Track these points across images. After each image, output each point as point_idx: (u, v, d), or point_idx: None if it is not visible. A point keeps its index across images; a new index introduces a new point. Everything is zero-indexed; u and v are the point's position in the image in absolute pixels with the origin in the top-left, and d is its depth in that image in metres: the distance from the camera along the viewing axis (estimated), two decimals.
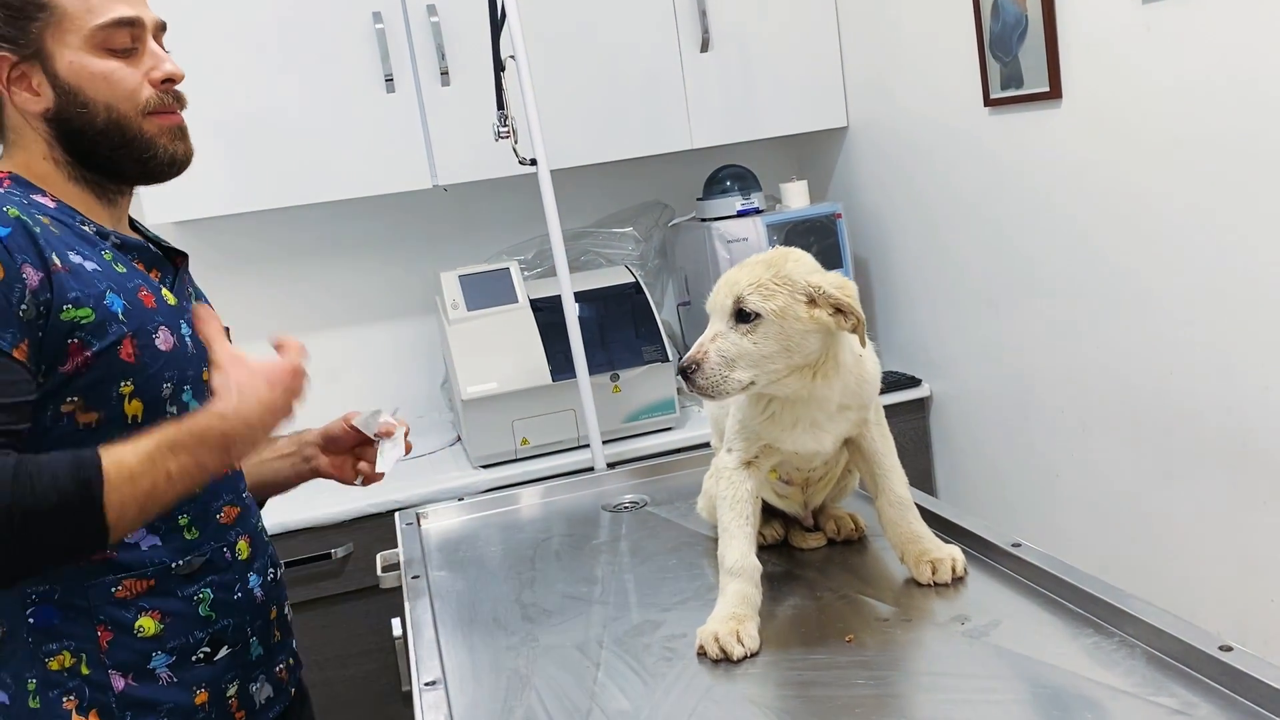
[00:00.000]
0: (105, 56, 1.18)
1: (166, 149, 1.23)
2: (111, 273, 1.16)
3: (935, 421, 2.55)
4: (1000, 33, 2.02)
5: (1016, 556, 1.20)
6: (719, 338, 1.10)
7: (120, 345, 1.13)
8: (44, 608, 1.14)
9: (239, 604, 1.25)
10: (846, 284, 1.12)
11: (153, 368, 1.16)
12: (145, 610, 1.17)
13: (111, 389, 1.13)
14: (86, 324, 1.10)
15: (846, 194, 2.76)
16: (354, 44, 2.37)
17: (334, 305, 2.77)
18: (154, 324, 1.17)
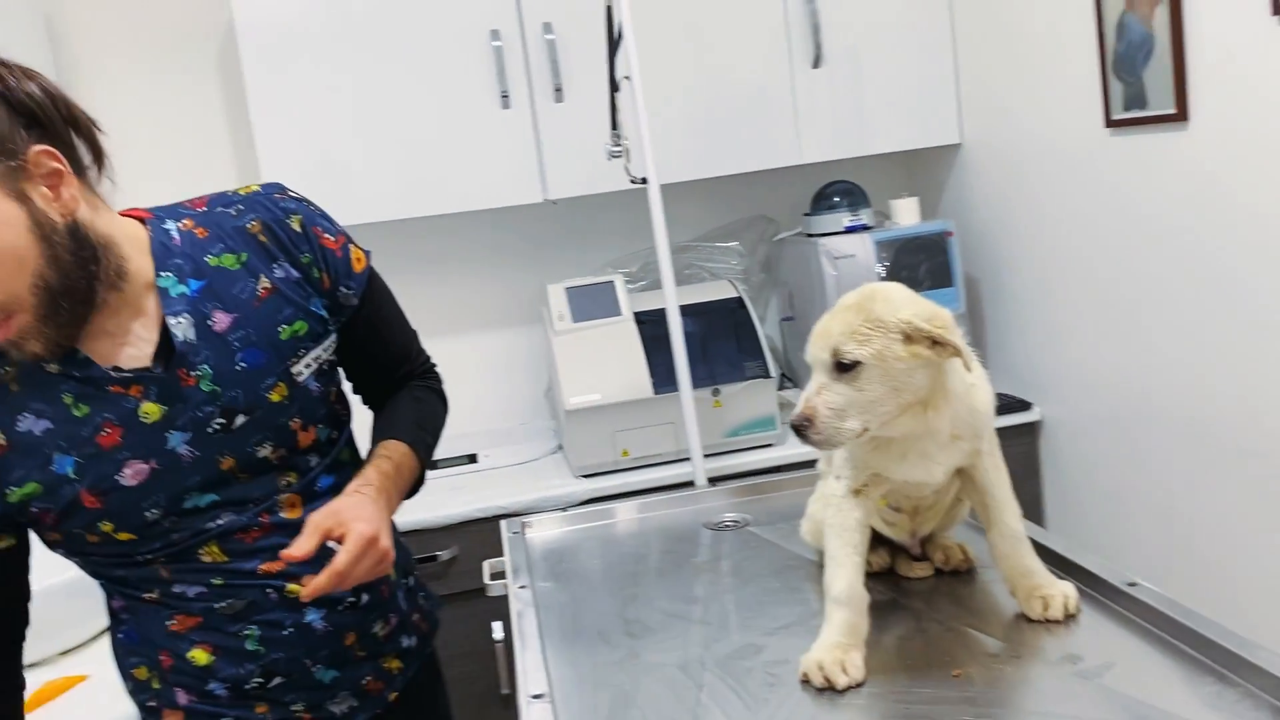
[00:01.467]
0: None
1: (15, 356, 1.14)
2: (65, 425, 1.16)
3: (1046, 447, 2.49)
4: (1124, 52, 1.96)
5: (1132, 596, 1.17)
6: (824, 390, 1.09)
7: (78, 500, 1.17)
8: (127, 629, 1.29)
9: (290, 639, 1.27)
10: (938, 313, 1.10)
11: (124, 505, 1.18)
12: (196, 643, 1.25)
13: (94, 527, 1.18)
14: (37, 496, 1.16)
15: (958, 212, 2.71)
16: (471, 61, 2.43)
17: (444, 314, 2.84)
18: (117, 464, 1.17)
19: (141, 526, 1.19)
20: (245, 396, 1.22)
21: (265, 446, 1.24)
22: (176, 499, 1.20)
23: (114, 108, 2.68)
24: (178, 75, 2.70)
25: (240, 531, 1.23)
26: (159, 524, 1.20)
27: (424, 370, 1.52)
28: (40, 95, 1.10)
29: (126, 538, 1.19)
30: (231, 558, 1.23)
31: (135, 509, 1.18)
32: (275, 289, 1.26)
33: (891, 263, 2.51)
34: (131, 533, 1.19)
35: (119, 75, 2.67)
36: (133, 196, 2.71)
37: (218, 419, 1.21)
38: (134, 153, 2.70)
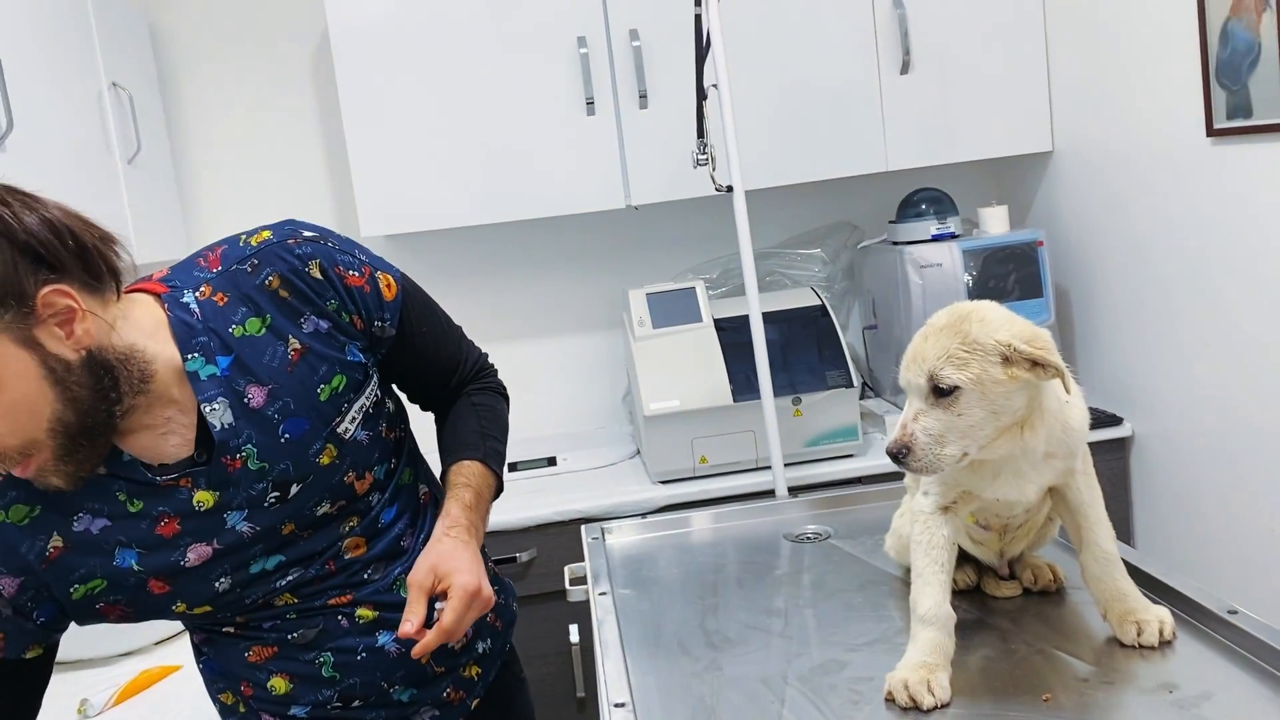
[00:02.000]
0: None
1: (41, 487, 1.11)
2: (122, 522, 1.16)
3: (1137, 464, 2.42)
4: (1229, 59, 1.90)
5: (1232, 624, 1.13)
6: (921, 416, 1.07)
7: (146, 587, 1.18)
8: (208, 660, 1.31)
9: (365, 663, 1.27)
10: (1038, 335, 1.08)
11: (192, 584, 1.19)
12: (274, 672, 1.26)
13: (165, 610, 1.20)
14: (102, 590, 1.17)
15: (1049, 221, 2.66)
16: (558, 68, 2.45)
17: (526, 317, 2.87)
18: (180, 549, 1.17)
19: (213, 598, 1.21)
20: (296, 467, 1.20)
21: (324, 505, 1.23)
22: (243, 566, 1.21)
23: (212, 111, 2.76)
24: (273, 80, 2.77)
25: (309, 582, 1.25)
26: (230, 593, 1.21)
27: (478, 371, 1.46)
28: (43, 231, 1.04)
29: (202, 611, 1.22)
30: (302, 600, 1.25)
31: (204, 584, 1.19)
32: (306, 349, 1.20)
33: (979, 272, 2.47)
34: (205, 605, 1.21)
35: (217, 79, 2.76)
36: (227, 196, 2.80)
37: (272, 494, 1.19)
38: (229, 154, 2.78)
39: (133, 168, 2.35)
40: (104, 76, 2.27)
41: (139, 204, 2.36)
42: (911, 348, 1.10)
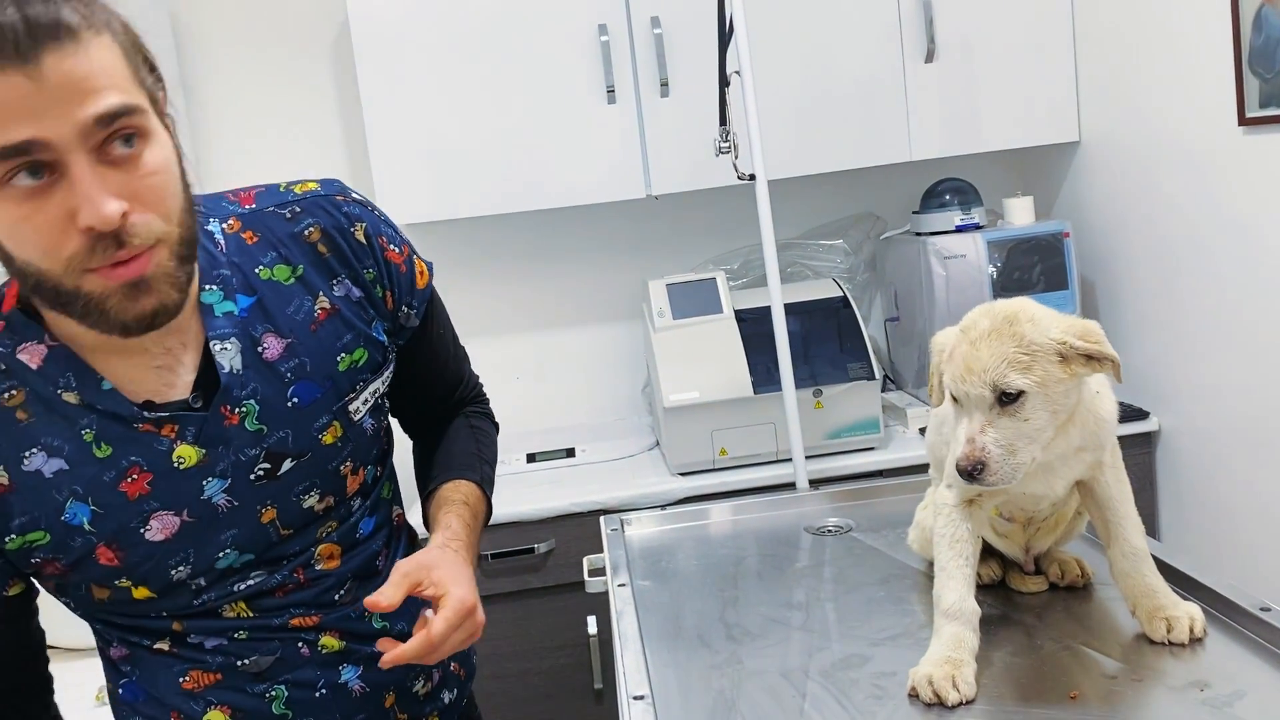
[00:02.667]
0: (8, 199, 0.85)
1: (116, 312, 0.91)
2: (82, 467, 0.99)
3: (1163, 459, 2.39)
4: (1262, 46, 1.86)
5: (1265, 622, 1.11)
6: (989, 428, 1.03)
7: (93, 554, 1.00)
8: (129, 684, 1.11)
9: (322, 701, 1.11)
10: (1089, 328, 1.05)
11: (146, 564, 1.01)
12: (213, 704, 1.08)
13: (109, 582, 1.02)
14: (42, 545, 0.99)
15: (1075, 212, 2.62)
16: (578, 56, 2.43)
17: (545, 307, 2.86)
18: (142, 516, 1.00)
19: (165, 586, 1.03)
20: (295, 439, 1.06)
21: (312, 495, 1.09)
22: (208, 556, 1.04)
23: (233, 101, 2.76)
24: (293, 70, 2.77)
25: (272, 590, 1.09)
26: (185, 584, 1.04)
27: (475, 395, 1.37)
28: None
29: (144, 595, 1.03)
30: (259, 614, 1.08)
31: (160, 568, 1.02)
32: (335, 310, 1.09)
33: (1004, 264, 2.44)
34: (151, 591, 1.03)
35: (238, 70, 2.75)
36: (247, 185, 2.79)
37: (263, 463, 1.04)
38: (251, 144, 2.78)
39: None
40: None
41: None
42: (963, 358, 1.05)
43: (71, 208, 0.85)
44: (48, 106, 0.82)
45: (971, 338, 1.05)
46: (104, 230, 0.86)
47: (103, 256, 0.88)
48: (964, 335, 1.06)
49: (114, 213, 0.85)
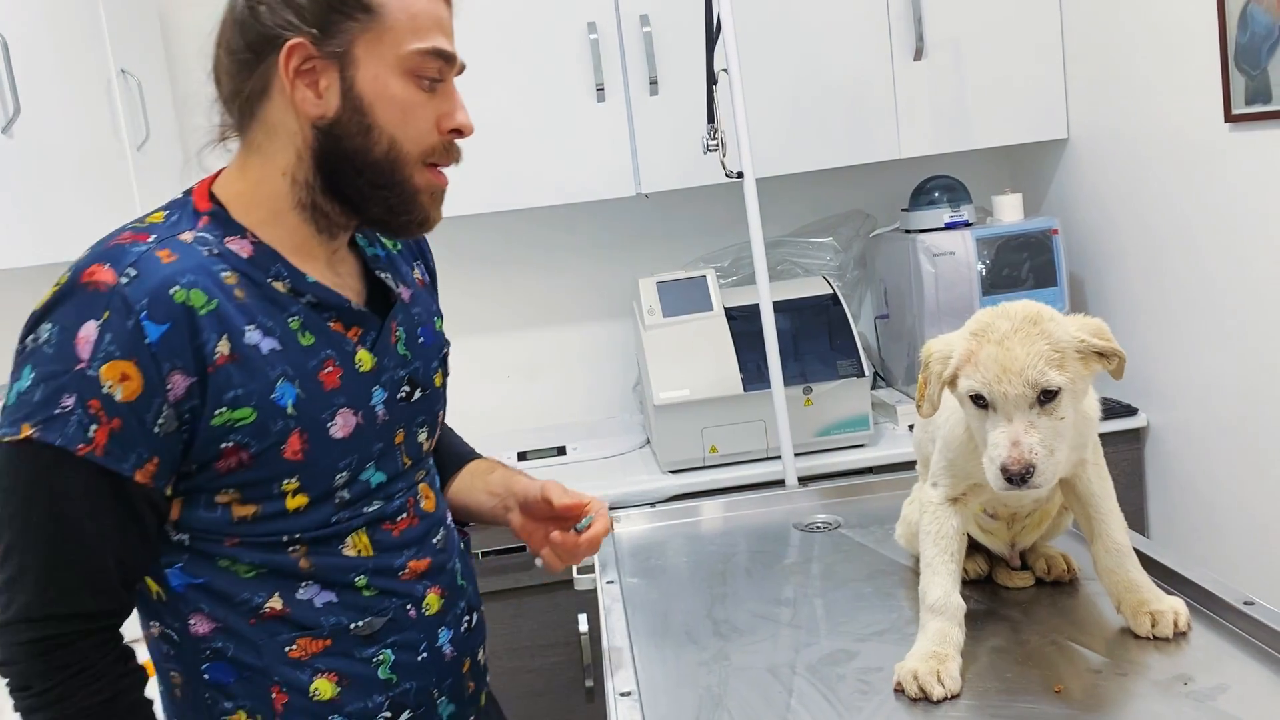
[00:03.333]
0: (410, 84, 1.04)
1: (422, 209, 1.09)
2: (292, 351, 1.04)
3: (1151, 455, 2.40)
4: (1248, 43, 1.87)
5: (1248, 615, 1.12)
6: (1033, 429, 1.03)
7: (284, 444, 1.02)
8: (218, 664, 1.06)
9: (423, 665, 1.14)
10: (1101, 327, 1.07)
11: (323, 461, 1.05)
12: (321, 672, 1.07)
13: (273, 486, 1.03)
14: (244, 425, 1.00)
15: (1063, 209, 2.63)
16: (567, 54, 2.43)
17: (536, 306, 2.86)
18: (332, 410, 1.05)
19: (323, 493, 1.05)
20: (423, 371, 1.17)
21: (424, 430, 1.17)
22: (362, 464, 1.08)
23: None
24: None
25: (388, 520, 1.12)
26: (338, 493, 1.07)
27: None
28: None
29: (297, 505, 1.04)
30: (377, 551, 1.10)
31: (330, 469, 1.05)
32: (423, 283, 1.25)
33: (993, 261, 2.45)
34: (308, 498, 1.05)
35: None
36: None
37: (404, 386, 1.14)
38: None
39: (141, 155, 2.34)
40: (113, 63, 2.27)
41: (148, 191, 2.36)
42: (994, 360, 1.03)
43: (441, 113, 1.07)
44: (453, 37, 1.09)
45: (996, 339, 1.04)
46: (466, 133, 1.10)
47: (444, 157, 1.09)
48: (982, 338, 1.05)
49: (473, 124, 1.11)
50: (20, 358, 0.98)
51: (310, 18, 1.01)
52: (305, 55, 1.02)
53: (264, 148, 1.08)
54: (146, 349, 0.95)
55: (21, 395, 0.96)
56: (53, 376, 0.95)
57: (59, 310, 0.97)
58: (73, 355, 0.95)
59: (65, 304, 0.97)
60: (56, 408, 0.94)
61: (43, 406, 0.95)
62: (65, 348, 0.95)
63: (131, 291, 0.96)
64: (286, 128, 1.05)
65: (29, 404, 0.95)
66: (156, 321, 0.96)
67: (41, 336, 0.96)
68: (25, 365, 0.97)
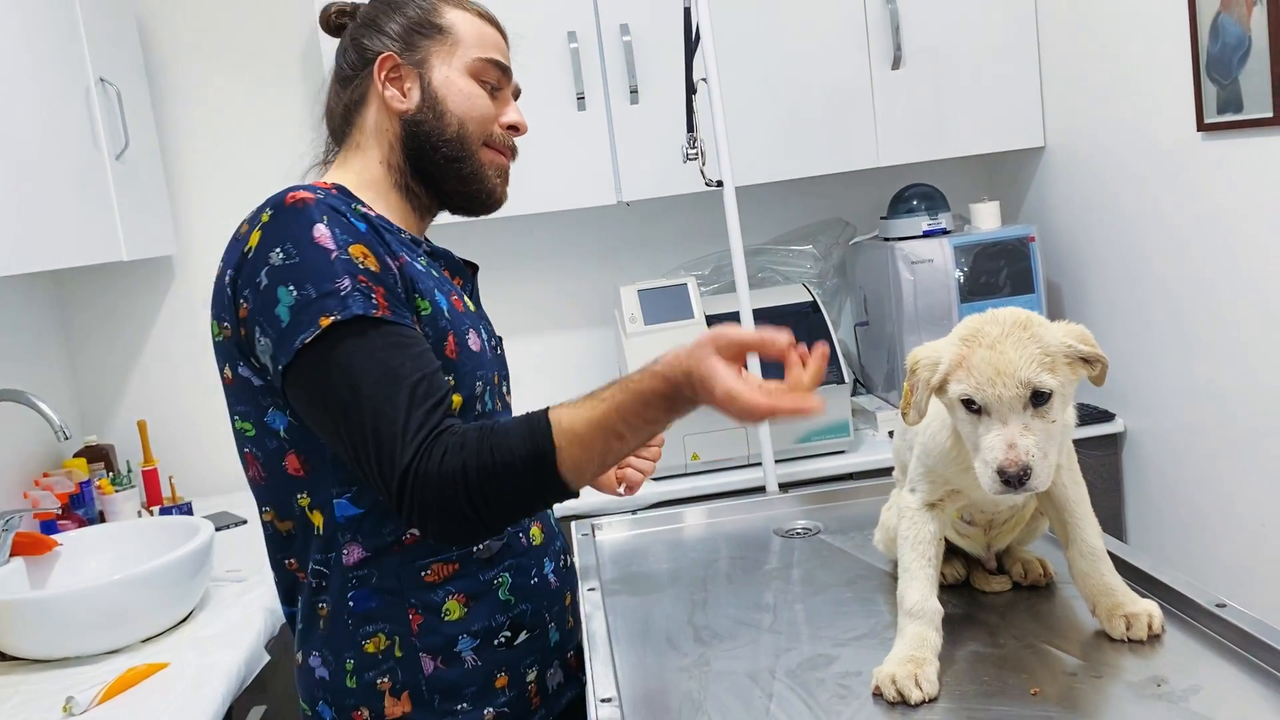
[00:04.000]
0: (474, 83, 1.28)
1: (490, 181, 1.30)
2: (430, 278, 1.21)
3: (1129, 459, 2.42)
4: (1219, 53, 1.90)
5: (1221, 618, 1.13)
6: (1028, 431, 1.03)
7: (445, 341, 1.18)
8: (363, 591, 1.20)
9: (535, 589, 1.29)
10: (1085, 332, 1.08)
11: (467, 366, 1.20)
12: (451, 594, 1.21)
13: (438, 382, 1.14)
14: (426, 315, 1.17)
15: (1040, 216, 2.65)
16: (548, 62, 2.44)
17: (517, 314, 2.86)
18: (466, 325, 1.23)
19: (469, 398, 1.21)
20: (494, 335, 1.35)
21: (506, 384, 1.33)
22: (486, 388, 1.24)
23: (201, 106, 2.75)
24: (262, 74, 2.76)
25: None
26: (476, 403, 1.22)
27: None
28: None
29: (456, 403, 1.19)
30: None
31: (471, 376, 1.21)
32: None
33: (970, 268, 2.47)
34: (462, 397, 1.20)
35: (206, 74, 2.74)
36: (216, 191, 2.78)
37: (493, 338, 1.32)
38: (218, 149, 2.77)
39: (121, 163, 2.34)
40: (91, 71, 2.26)
41: (127, 199, 2.35)
42: (987, 363, 1.04)
43: (501, 111, 1.31)
44: (508, 59, 1.34)
45: (987, 343, 1.05)
46: (522, 130, 1.32)
47: (502, 145, 1.31)
48: (973, 343, 1.06)
49: (528, 124, 1.33)
50: (265, 294, 1.10)
51: (397, 37, 1.27)
52: (393, 64, 1.26)
53: (363, 145, 1.29)
54: (364, 235, 1.13)
55: (294, 306, 1.08)
56: (317, 273, 1.08)
57: (278, 233, 1.11)
58: (321, 250, 1.09)
59: (282, 226, 1.11)
60: (340, 290, 1.08)
61: (325, 298, 1.08)
62: (310, 249, 1.09)
63: (333, 200, 1.15)
64: (380, 126, 1.28)
65: (310, 303, 1.08)
66: (359, 221, 1.15)
67: (276, 260, 1.10)
68: (277, 289, 1.09)
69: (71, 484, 2.37)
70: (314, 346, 1.08)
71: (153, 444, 2.76)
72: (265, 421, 1.18)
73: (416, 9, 1.29)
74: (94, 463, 2.55)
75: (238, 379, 1.18)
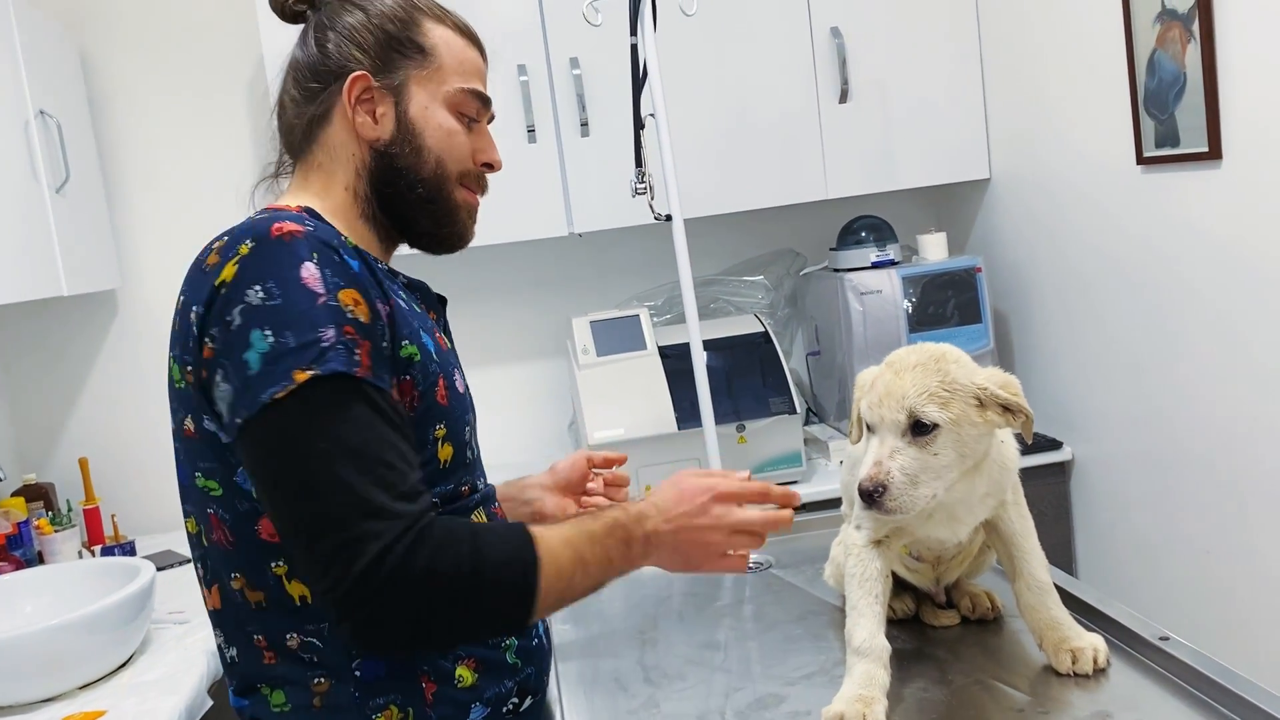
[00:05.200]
0: (453, 117, 1.17)
1: (461, 223, 1.20)
2: (413, 314, 1.12)
3: (1077, 487, 2.45)
4: (1156, 89, 1.94)
5: (1164, 651, 1.14)
6: (897, 454, 1.05)
7: (436, 388, 1.08)
8: (370, 660, 1.07)
9: (536, 650, 1.19)
10: (1010, 380, 1.09)
11: (457, 411, 1.12)
12: (463, 659, 1.10)
13: (428, 432, 1.07)
14: (417, 362, 1.06)
15: (987, 247, 2.69)
16: (499, 95, 2.44)
17: (469, 346, 2.84)
18: (451, 366, 1.14)
19: (460, 445, 1.11)
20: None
21: (473, 425, 1.21)
22: (473, 427, 1.16)
23: (146, 138, 2.71)
24: (208, 106, 2.73)
25: (493, 503, 1.18)
26: (466, 450, 1.13)
27: None
28: None
29: (445, 454, 1.09)
30: None
31: (461, 420, 1.12)
32: None
33: (918, 299, 2.49)
34: (452, 448, 1.10)
35: (151, 106, 2.71)
36: (161, 224, 2.74)
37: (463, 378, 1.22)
38: (163, 182, 2.73)
39: (61, 197, 2.30)
40: (31, 104, 2.22)
41: (68, 234, 2.31)
42: (883, 384, 1.07)
43: (477, 148, 1.20)
44: (487, 86, 1.23)
45: (896, 369, 1.08)
46: (496, 168, 1.22)
47: (475, 184, 1.21)
48: (889, 368, 1.09)
49: (502, 162, 1.23)
50: (236, 336, 0.98)
51: (372, 54, 1.14)
52: (365, 86, 1.14)
53: (325, 166, 1.17)
54: (357, 278, 1.02)
55: (268, 354, 0.96)
56: (299, 319, 0.97)
57: (259, 269, 0.99)
58: (308, 293, 0.98)
59: (263, 260, 0.99)
60: (321, 341, 0.96)
61: (305, 348, 0.96)
62: (295, 290, 0.98)
63: (324, 233, 1.04)
64: (347, 149, 1.15)
65: (286, 353, 0.96)
66: (351, 258, 1.03)
67: (254, 298, 0.98)
68: (252, 331, 0.97)
69: (8, 524, 2.30)
70: (283, 402, 0.95)
71: (95, 482, 2.70)
72: (235, 482, 1.04)
73: (396, 22, 1.15)
74: (33, 502, 2.48)
75: (201, 433, 1.04)
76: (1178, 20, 1.85)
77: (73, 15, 2.66)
